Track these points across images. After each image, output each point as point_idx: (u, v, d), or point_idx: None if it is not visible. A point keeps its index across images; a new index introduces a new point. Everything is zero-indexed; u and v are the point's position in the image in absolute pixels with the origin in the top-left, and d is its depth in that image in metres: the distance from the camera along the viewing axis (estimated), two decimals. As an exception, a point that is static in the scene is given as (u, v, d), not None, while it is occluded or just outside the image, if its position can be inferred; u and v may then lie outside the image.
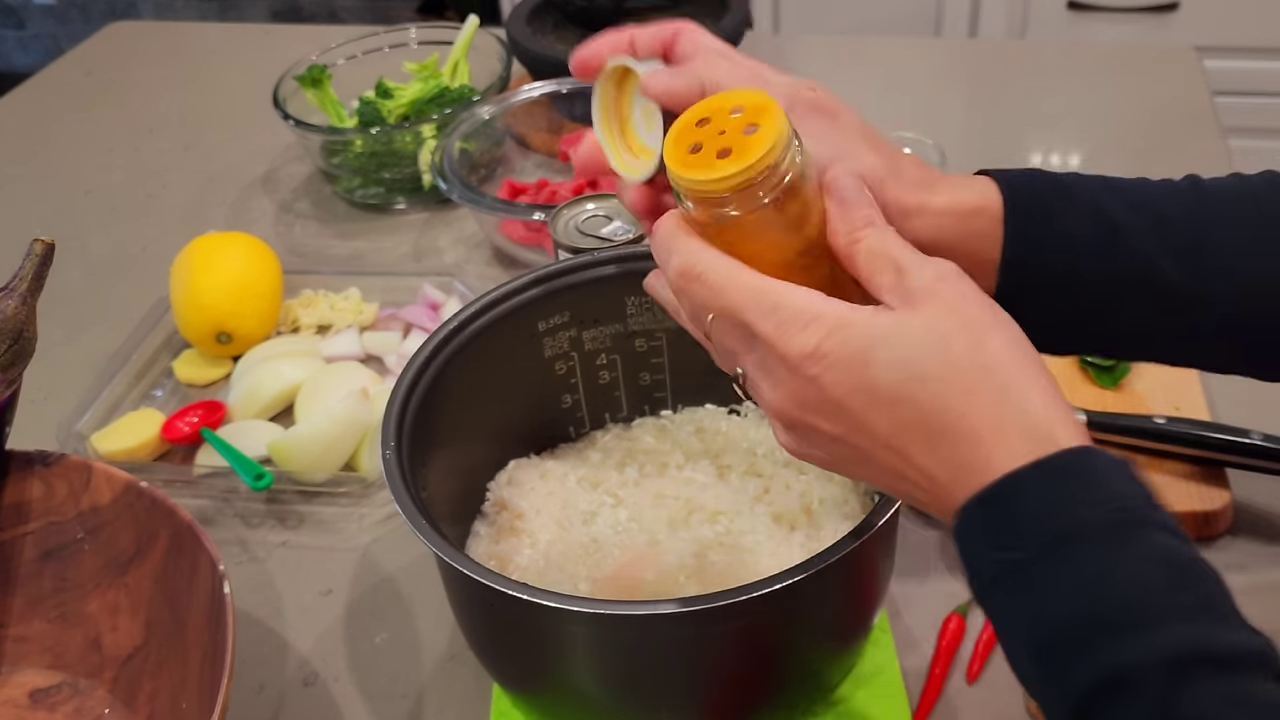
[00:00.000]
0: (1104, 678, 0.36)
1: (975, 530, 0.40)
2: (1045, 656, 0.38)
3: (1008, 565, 0.39)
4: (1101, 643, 0.36)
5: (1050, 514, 0.38)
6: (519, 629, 0.56)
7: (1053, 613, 0.37)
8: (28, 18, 3.25)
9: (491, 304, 0.66)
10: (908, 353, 0.40)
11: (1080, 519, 0.38)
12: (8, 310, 0.62)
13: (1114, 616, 0.36)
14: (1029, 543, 0.38)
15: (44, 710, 0.64)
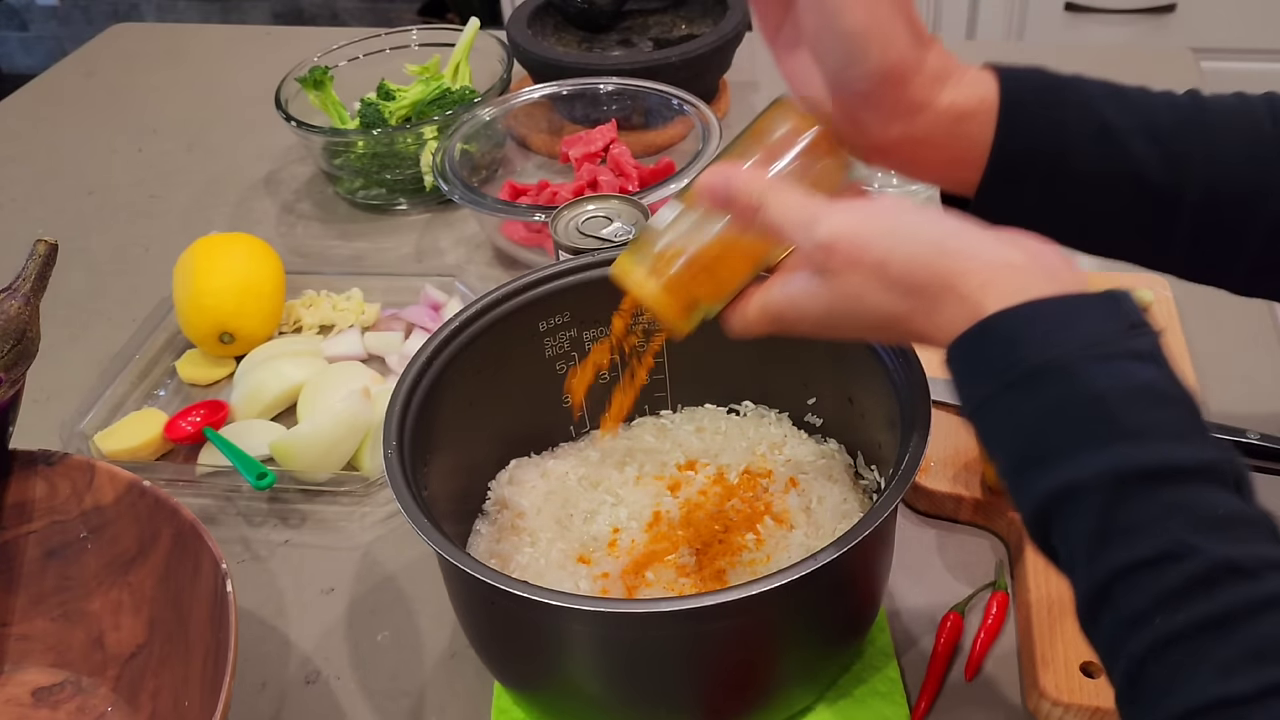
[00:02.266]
0: (1053, 491, 0.41)
1: (960, 366, 0.46)
2: (1014, 475, 0.43)
3: (984, 398, 0.44)
4: (1054, 462, 0.41)
5: (1021, 352, 0.43)
6: (520, 627, 0.56)
7: (1017, 438, 0.43)
8: (31, 19, 3.25)
9: (493, 304, 0.66)
10: (914, 235, 0.47)
11: (1049, 356, 0.42)
12: (11, 310, 0.62)
13: (1066, 441, 0.41)
14: (1001, 377, 0.43)
15: (47, 708, 0.64)
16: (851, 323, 0.50)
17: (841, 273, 0.48)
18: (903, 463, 0.54)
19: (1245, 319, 0.86)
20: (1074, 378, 0.42)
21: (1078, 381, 0.41)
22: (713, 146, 0.96)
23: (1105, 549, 0.40)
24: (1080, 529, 0.41)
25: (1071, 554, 0.41)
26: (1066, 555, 0.42)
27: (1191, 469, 0.40)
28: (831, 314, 0.50)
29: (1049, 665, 0.61)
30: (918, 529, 0.73)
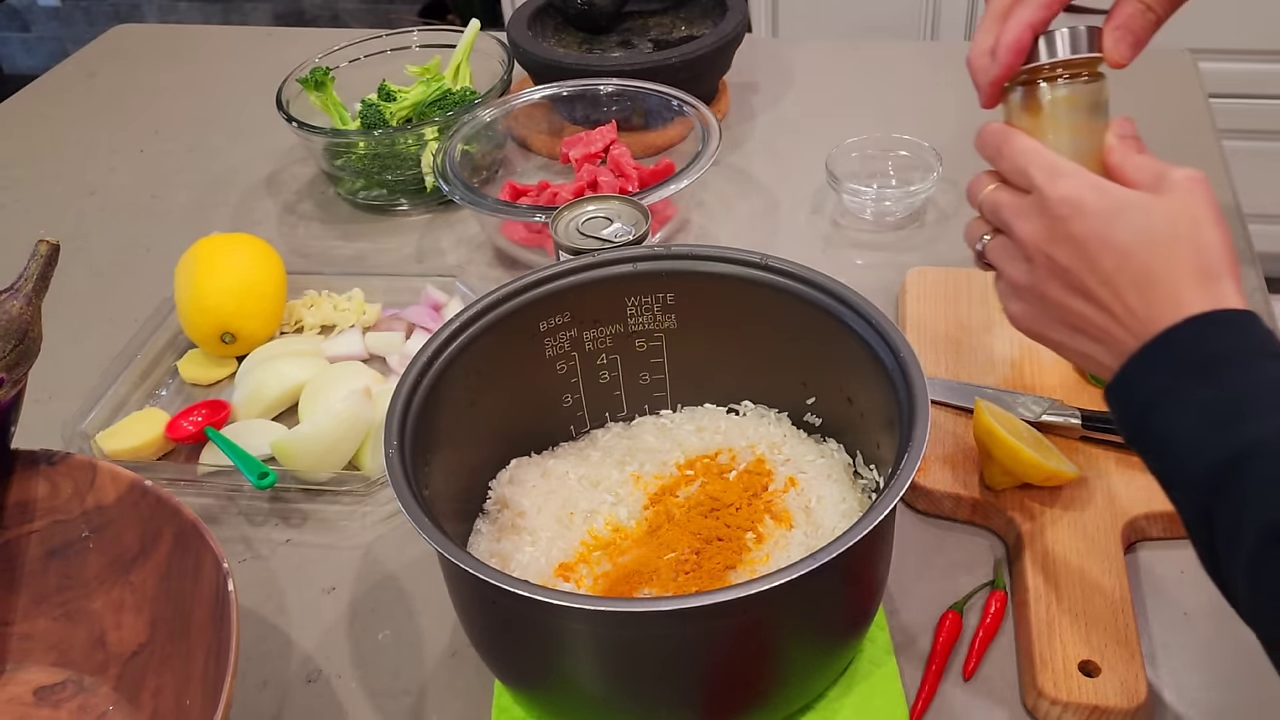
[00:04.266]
0: (1239, 448, 0.47)
1: (1156, 358, 0.51)
2: (1196, 439, 0.48)
3: (1172, 382, 0.50)
4: (1239, 424, 0.47)
5: (1215, 346, 0.50)
6: (520, 626, 0.56)
7: (1205, 405, 0.49)
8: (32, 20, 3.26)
9: (493, 304, 0.66)
10: (1147, 221, 0.52)
11: (1236, 348, 0.50)
12: (13, 310, 0.62)
13: (1251, 408, 0.47)
14: (1182, 367, 0.50)
15: (49, 707, 0.64)
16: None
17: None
18: (902, 462, 0.54)
19: (1244, 319, 0.87)
20: (1252, 369, 0.49)
21: (1257, 373, 0.49)
22: (712, 147, 0.96)
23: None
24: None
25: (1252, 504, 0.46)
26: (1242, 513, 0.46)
27: None
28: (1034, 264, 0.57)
29: (1047, 664, 0.61)
30: (917, 528, 0.73)
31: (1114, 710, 0.59)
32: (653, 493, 0.68)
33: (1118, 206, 0.53)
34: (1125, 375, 0.52)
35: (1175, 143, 1.09)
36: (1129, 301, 0.52)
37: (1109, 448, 0.74)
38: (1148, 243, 0.52)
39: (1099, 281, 0.53)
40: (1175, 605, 0.66)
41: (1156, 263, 0.52)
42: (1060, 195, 0.54)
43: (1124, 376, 0.52)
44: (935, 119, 1.15)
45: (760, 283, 0.67)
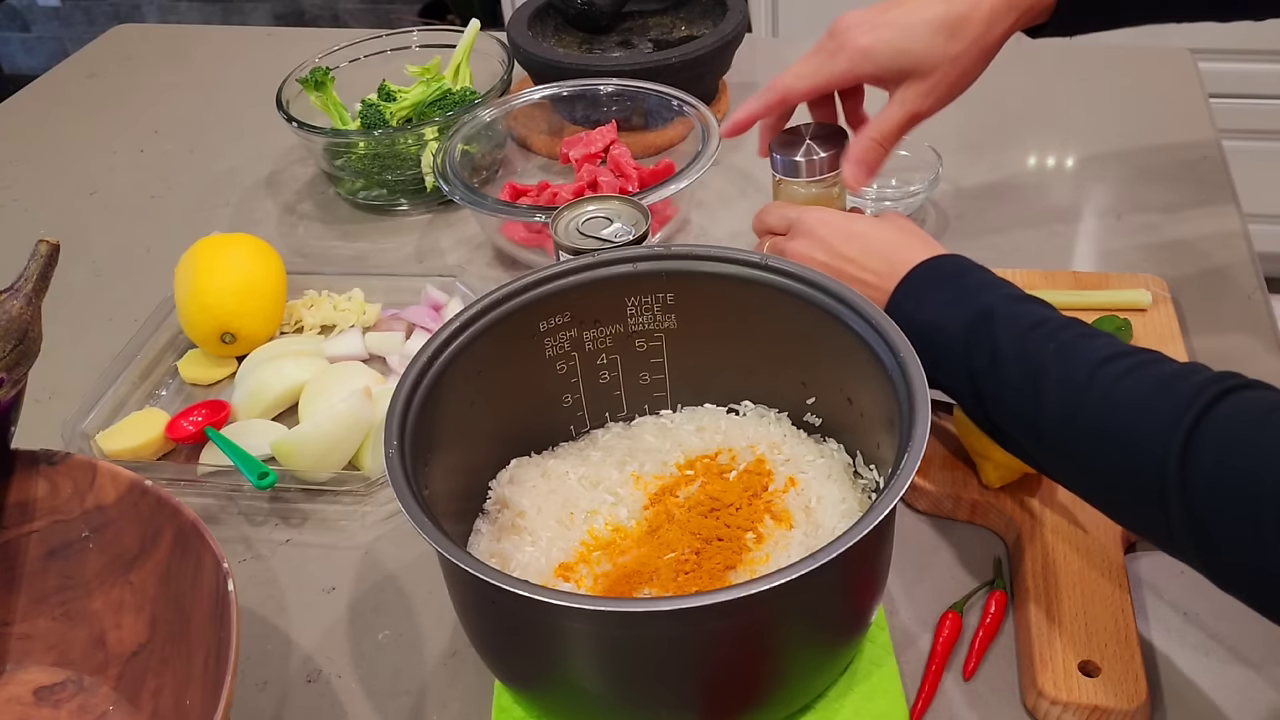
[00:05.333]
0: (973, 316, 0.63)
1: (907, 289, 0.68)
2: (937, 330, 0.64)
3: (914, 302, 0.67)
4: (967, 302, 0.64)
5: (943, 270, 0.68)
6: (520, 626, 0.56)
7: (937, 302, 0.66)
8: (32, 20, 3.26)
9: (493, 304, 0.66)
10: (873, 221, 0.74)
11: (957, 269, 0.68)
12: (13, 310, 0.62)
13: (971, 292, 0.65)
14: (923, 287, 0.68)
15: (49, 707, 0.64)
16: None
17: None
18: (901, 462, 0.54)
19: (1245, 319, 0.87)
20: (972, 283, 0.67)
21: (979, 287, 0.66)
22: (712, 147, 0.96)
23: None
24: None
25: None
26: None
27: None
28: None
29: (1047, 664, 0.61)
30: (916, 528, 0.73)
31: (1114, 710, 0.59)
32: (653, 493, 0.68)
33: (849, 216, 0.75)
34: (891, 307, 0.68)
35: (1175, 142, 1.09)
36: (875, 269, 0.70)
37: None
38: (877, 226, 0.72)
39: (851, 264, 0.71)
40: (1175, 605, 0.66)
41: (888, 238, 0.71)
42: (811, 218, 0.75)
43: (891, 308, 0.68)
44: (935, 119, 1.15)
45: (760, 283, 0.67)
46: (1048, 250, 0.97)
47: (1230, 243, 0.95)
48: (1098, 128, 1.13)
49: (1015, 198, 1.04)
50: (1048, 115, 1.17)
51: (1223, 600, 0.66)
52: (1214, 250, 0.94)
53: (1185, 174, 1.04)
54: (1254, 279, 0.90)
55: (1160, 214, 1.00)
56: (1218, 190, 1.02)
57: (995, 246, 0.97)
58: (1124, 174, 1.06)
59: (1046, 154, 1.11)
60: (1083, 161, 1.09)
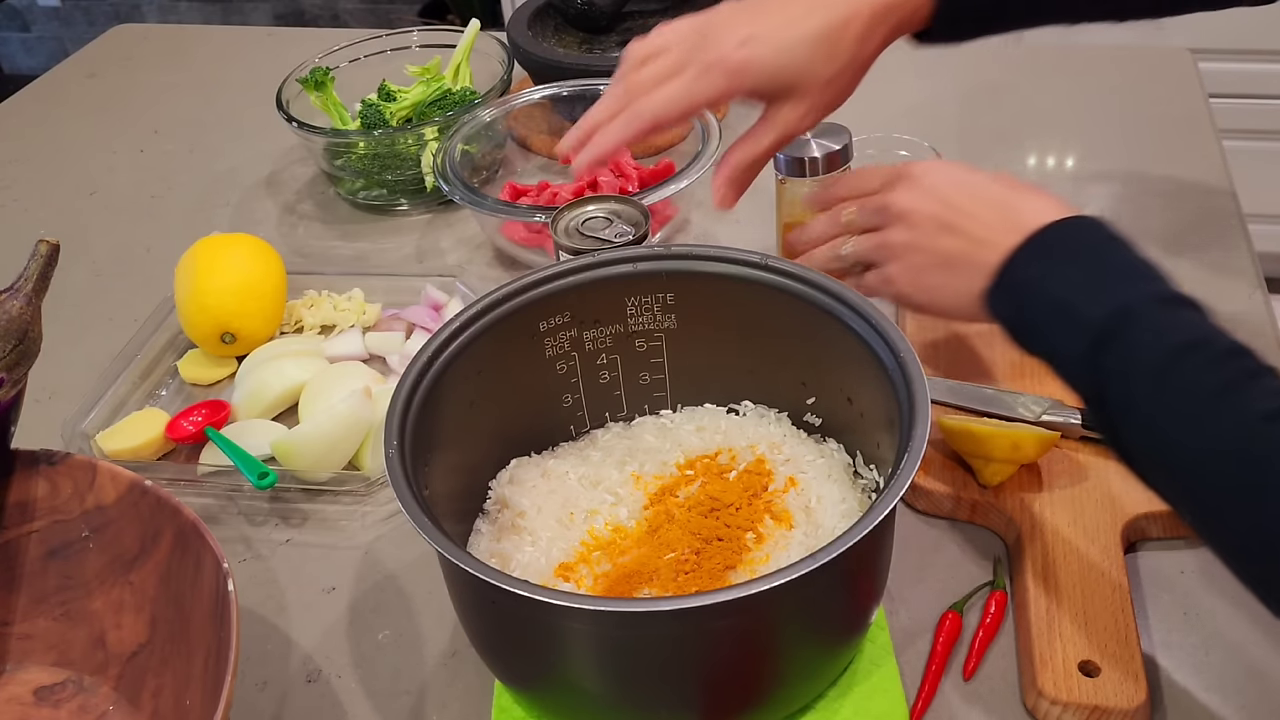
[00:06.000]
0: (1112, 311, 0.55)
1: (1029, 253, 0.60)
2: (1065, 311, 0.57)
3: (1043, 268, 0.59)
4: (1107, 291, 0.56)
5: (1077, 237, 0.60)
6: (520, 626, 0.56)
7: (1072, 278, 0.58)
8: (33, 20, 3.26)
9: (493, 304, 0.66)
10: (981, 173, 0.67)
11: (1088, 240, 0.60)
12: (13, 311, 0.62)
13: (1115, 278, 0.57)
14: (1058, 253, 0.60)
15: (49, 707, 0.64)
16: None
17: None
18: (901, 462, 0.54)
19: (1245, 319, 0.87)
20: (1108, 251, 0.59)
21: (1111, 254, 0.59)
22: (712, 147, 0.96)
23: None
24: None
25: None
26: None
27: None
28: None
29: (1047, 664, 0.61)
30: (916, 528, 0.73)
31: (1114, 710, 0.59)
32: (653, 493, 0.68)
33: (957, 163, 0.68)
34: (1005, 274, 0.60)
35: (1175, 143, 1.09)
36: (990, 221, 0.62)
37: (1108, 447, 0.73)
38: (992, 179, 0.65)
39: (963, 215, 0.63)
40: (1175, 605, 0.66)
41: (1005, 190, 0.64)
42: (917, 168, 0.68)
43: (1004, 276, 0.61)
44: (934, 118, 1.15)
45: (760, 283, 0.67)
46: (1048, 250, 0.97)
47: (1230, 243, 0.95)
48: (1098, 128, 1.13)
49: (1015, 198, 1.04)
50: (1048, 115, 1.16)
51: (1223, 600, 0.67)
52: (1214, 250, 0.94)
53: (1185, 174, 1.04)
54: (1254, 279, 0.90)
55: (1160, 214, 1.00)
56: (1218, 190, 1.02)
57: (995, 246, 0.97)
58: (1124, 174, 1.06)
59: (1046, 154, 1.11)
60: (1082, 162, 1.09)
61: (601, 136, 0.71)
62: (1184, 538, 0.70)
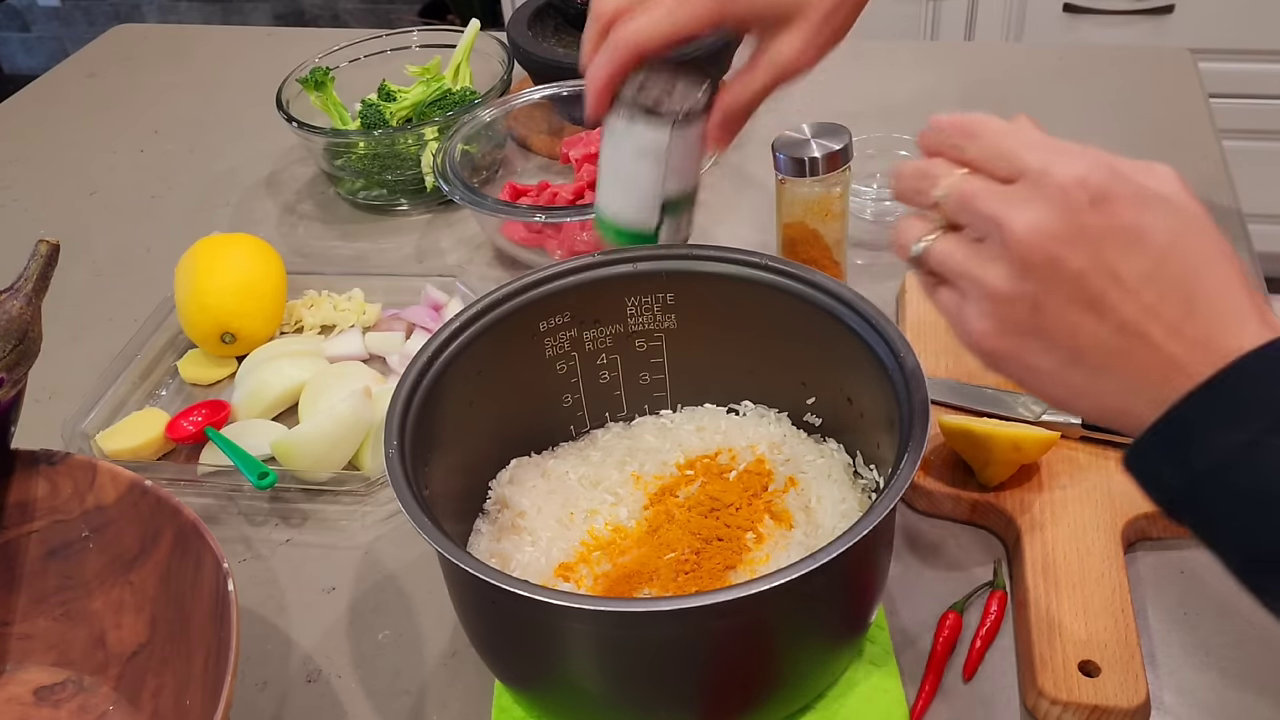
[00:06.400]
0: None
1: (1228, 398, 0.39)
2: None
3: (1259, 433, 0.38)
4: None
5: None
6: (520, 626, 0.56)
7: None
8: (32, 20, 3.26)
9: (493, 304, 0.66)
10: (1183, 209, 0.42)
11: None
12: (13, 310, 0.62)
13: None
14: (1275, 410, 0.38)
15: (49, 707, 0.64)
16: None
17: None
18: (901, 462, 0.54)
19: (1244, 319, 0.87)
20: None
21: None
22: (713, 147, 0.96)
23: None
24: None
25: None
26: None
27: None
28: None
29: (1047, 664, 0.61)
30: (916, 528, 0.73)
31: (1114, 710, 0.59)
32: (653, 493, 0.68)
33: (1144, 189, 0.42)
34: (1182, 421, 0.39)
35: (1175, 143, 1.09)
36: (1170, 317, 0.40)
37: (1109, 448, 0.74)
38: (1190, 232, 0.41)
39: (1125, 292, 0.40)
40: (1175, 605, 0.66)
41: (1200, 266, 0.40)
42: (1075, 177, 0.42)
43: (1179, 423, 0.40)
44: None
45: (760, 283, 0.67)
46: (1048, 250, 0.97)
47: (1230, 243, 0.95)
48: (1098, 128, 1.13)
49: (1015, 198, 1.04)
50: (1048, 115, 1.16)
51: (1223, 600, 0.67)
52: (1214, 250, 0.94)
53: (1185, 174, 1.04)
54: (1254, 279, 0.90)
55: (1160, 214, 1.00)
56: (1218, 190, 1.02)
57: (995, 246, 0.97)
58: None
59: (1046, 154, 1.11)
60: (1083, 161, 1.09)
61: (588, 77, 0.64)
62: (1184, 537, 0.70)
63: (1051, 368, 0.43)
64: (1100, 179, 0.42)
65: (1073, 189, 0.42)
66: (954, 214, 0.46)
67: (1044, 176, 0.43)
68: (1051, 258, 0.41)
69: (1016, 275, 0.43)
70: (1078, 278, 0.41)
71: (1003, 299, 0.43)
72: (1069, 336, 0.42)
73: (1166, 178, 0.44)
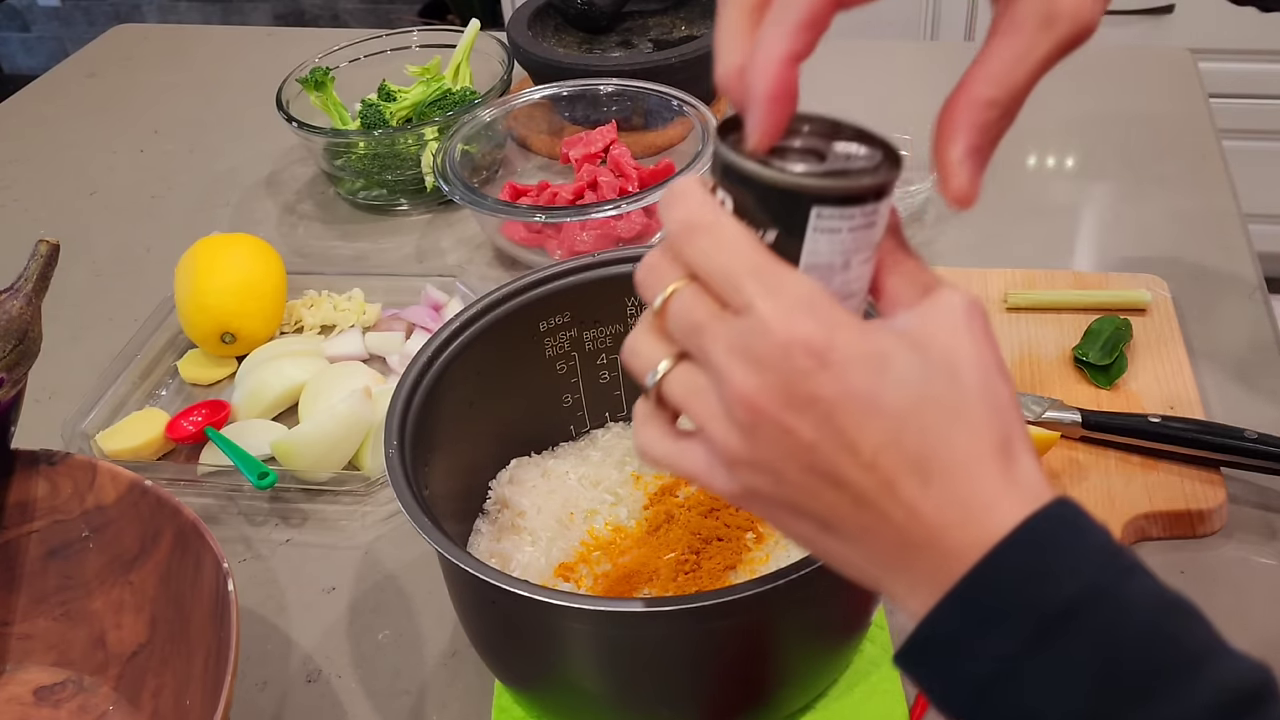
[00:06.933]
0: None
1: (981, 607, 0.35)
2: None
3: (1018, 645, 0.34)
4: (1146, 702, 0.33)
5: (1060, 577, 0.34)
6: (520, 626, 0.56)
7: (1086, 681, 0.34)
8: (33, 20, 3.26)
9: (493, 304, 0.66)
10: (924, 371, 0.36)
11: (1089, 572, 0.35)
12: (13, 310, 0.62)
13: (1147, 675, 0.34)
14: (1049, 616, 0.34)
15: (49, 707, 0.64)
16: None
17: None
18: (901, 462, 0.54)
19: (1244, 319, 0.87)
20: (1118, 603, 0.34)
21: (1123, 607, 0.34)
22: (711, 147, 0.96)
23: None
24: None
25: None
26: None
27: (1261, 682, 0.34)
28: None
29: (1047, 664, 0.61)
30: (917, 528, 0.73)
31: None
32: (652, 493, 0.68)
33: (884, 350, 0.36)
34: (933, 635, 0.36)
35: (1175, 143, 1.09)
36: (906, 495, 0.36)
37: (1109, 448, 0.74)
38: (928, 404, 0.36)
39: (861, 466, 0.36)
40: (1175, 605, 0.66)
41: (943, 434, 0.36)
42: (801, 336, 0.35)
43: (930, 637, 0.36)
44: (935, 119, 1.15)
45: (760, 283, 0.67)
46: (1048, 250, 0.97)
47: (1230, 243, 0.95)
48: (1098, 127, 1.13)
49: (1015, 197, 1.04)
50: (1048, 115, 1.16)
51: (1222, 601, 0.67)
52: (1214, 250, 0.94)
53: (1185, 174, 1.04)
54: (1254, 279, 0.90)
55: (1160, 214, 1.00)
56: (1218, 190, 1.02)
57: (995, 246, 0.97)
58: (1124, 174, 1.06)
59: (1046, 154, 1.11)
60: (1083, 161, 1.09)
61: (755, 74, 0.37)
62: (1184, 537, 0.70)
63: (808, 534, 0.39)
64: (823, 339, 0.35)
65: (796, 351, 0.35)
66: (679, 338, 0.39)
67: (766, 330, 0.36)
68: (780, 427, 0.36)
69: (748, 440, 0.37)
70: (810, 449, 0.36)
71: (742, 464, 0.38)
72: (814, 507, 0.38)
73: (948, 313, 0.38)
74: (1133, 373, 0.79)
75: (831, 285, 0.38)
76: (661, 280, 0.39)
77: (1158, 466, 0.72)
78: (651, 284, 0.39)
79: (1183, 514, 0.69)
